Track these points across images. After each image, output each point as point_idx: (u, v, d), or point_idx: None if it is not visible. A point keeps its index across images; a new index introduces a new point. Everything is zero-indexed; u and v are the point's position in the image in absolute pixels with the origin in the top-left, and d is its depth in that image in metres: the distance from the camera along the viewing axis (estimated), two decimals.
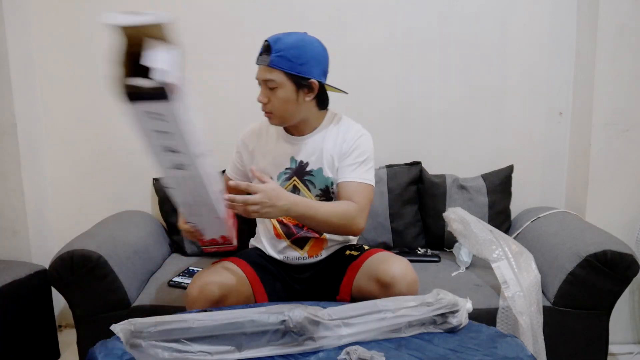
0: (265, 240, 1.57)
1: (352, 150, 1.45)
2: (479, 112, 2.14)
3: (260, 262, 1.53)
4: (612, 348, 1.91)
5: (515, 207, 2.10)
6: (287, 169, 1.49)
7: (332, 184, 1.48)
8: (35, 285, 1.83)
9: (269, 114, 1.43)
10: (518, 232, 1.96)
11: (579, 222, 1.84)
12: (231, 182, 1.29)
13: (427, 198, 2.04)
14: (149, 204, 2.19)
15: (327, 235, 1.53)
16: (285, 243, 1.52)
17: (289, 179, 1.49)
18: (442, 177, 2.05)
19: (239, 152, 1.59)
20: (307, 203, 1.36)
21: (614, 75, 1.90)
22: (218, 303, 1.33)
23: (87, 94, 2.13)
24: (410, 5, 2.08)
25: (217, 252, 1.45)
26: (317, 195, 1.49)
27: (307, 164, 1.48)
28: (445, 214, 1.90)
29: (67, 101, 2.14)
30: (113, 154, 2.17)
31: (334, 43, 2.12)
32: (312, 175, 1.48)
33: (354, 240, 1.65)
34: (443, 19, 2.08)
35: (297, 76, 1.38)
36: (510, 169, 2.07)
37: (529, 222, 1.94)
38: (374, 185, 1.47)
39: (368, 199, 1.44)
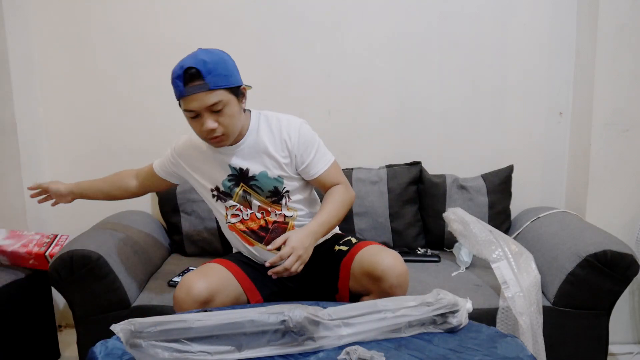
0: (242, 248, 1.58)
1: (304, 147, 1.45)
2: (479, 112, 2.15)
3: (248, 262, 1.54)
4: (612, 348, 1.91)
5: (515, 207, 2.10)
6: (229, 176, 1.48)
7: (281, 182, 1.47)
8: (35, 285, 1.83)
9: (221, 136, 1.38)
10: (518, 232, 1.96)
11: (579, 222, 1.84)
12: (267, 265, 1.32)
13: (427, 198, 2.04)
14: (149, 204, 2.19)
15: (297, 227, 1.51)
16: (258, 247, 1.52)
17: (236, 185, 1.49)
18: (442, 177, 2.05)
19: (175, 162, 1.58)
20: (320, 222, 1.40)
21: (614, 75, 1.90)
22: (205, 304, 1.33)
23: (87, 93, 2.13)
24: (411, 5, 2.08)
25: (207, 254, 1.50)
26: (267, 197, 1.48)
27: (247, 170, 1.47)
28: (445, 215, 1.90)
29: (67, 101, 2.14)
30: (113, 154, 2.17)
31: (334, 43, 2.14)
32: (256, 180, 1.47)
33: (336, 229, 1.65)
34: (443, 19, 2.08)
35: (234, 88, 1.37)
36: (510, 169, 2.07)
37: (529, 222, 1.94)
38: (334, 157, 1.53)
39: (341, 172, 1.54)
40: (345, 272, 1.44)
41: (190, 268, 1.81)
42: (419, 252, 1.96)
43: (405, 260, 1.58)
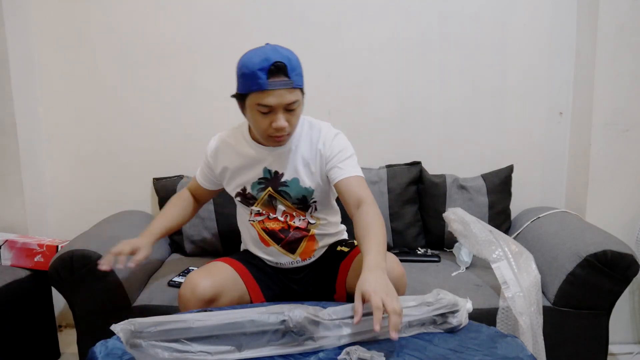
0: (254, 247, 1.57)
1: (335, 152, 1.42)
2: (479, 112, 2.15)
3: (253, 262, 1.53)
4: (612, 348, 1.91)
5: (515, 207, 2.10)
6: (260, 179, 1.46)
7: (310, 193, 1.45)
8: (35, 285, 1.83)
9: (286, 136, 1.35)
10: (518, 232, 1.96)
11: (579, 222, 1.84)
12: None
13: (427, 198, 2.04)
14: (149, 204, 2.19)
15: (316, 235, 1.51)
16: (274, 249, 1.51)
17: (263, 189, 1.46)
18: (442, 177, 2.05)
19: (210, 166, 1.54)
20: (377, 249, 1.19)
21: (614, 75, 1.90)
22: (210, 302, 1.33)
23: (87, 94, 2.13)
24: (411, 5, 2.08)
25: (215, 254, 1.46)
26: (294, 204, 1.47)
27: (282, 174, 1.45)
28: (445, 215, 1.90)
29: (67, 101, 2.14)
30: (113, 154, 2.17)
31: (334, 43, 2.13)
32: (287, 185, 1.45)
33: (344, 234, 1.65)
34: (443, 19, 2.08)
35: (303, 89, 1.35)
36: (510, 169, 2.07)
37: (529, 222, 1.94)
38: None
39: (367, 188, 1.43)
40: (343, 273, 1.44)
41: (190, 268, 1.81)
42: (419, 252, 1.96)
43: (405, 260, 1.58)
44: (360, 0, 2.08)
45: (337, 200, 1.60)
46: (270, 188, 1.46)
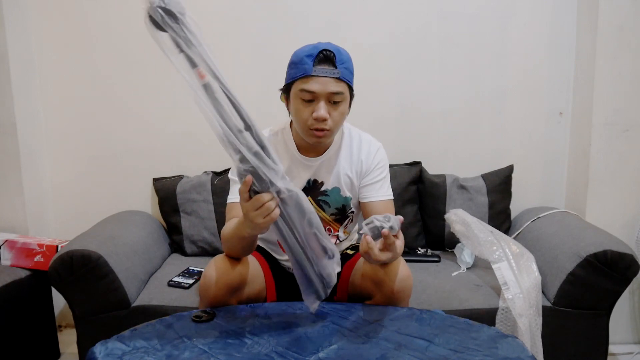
0: (267, 247, 1.55)
1: (373, 168, 1.41)
2: (479, 112, 2.15)
3: (271, 258, 1.52)
4: (612, 348, 1.91)
5: (515, 207, 2.10)
6: (303, 188, 1.42)
7: (349, 202, 1.44)
8: (35, 286, 1.83)
9: (325, 131, 1.28)
10: (518, 232, 1.96)
11: (579, 222, 1.84)
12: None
13: (427, 198, 2.04)
14: (149, 204, 2.19)
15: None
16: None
17: None
18: (442, 177, 2.05)
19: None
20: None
21: (614, 75, 1.90)
22: (235, 291, 1.28)
23: (87, 94, 2.13)
24: (411, 5, 2.08)
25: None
26: (332, 214, 1.44)
27: (322, 183, 1.42)
28: (446, 216, 1.90)
29: (67, 101, 2.14)
30: (113, 154, 2.17)
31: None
32: (326, 195, 1.42)
33: (354, 240, 1.65)
34: (443, 19, 2.08)
35: (352, 89, 1.31)
36: (510, 169, 2.07)
37: (529, 222, 1.95)
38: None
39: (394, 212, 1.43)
40: (346, 274, 1.43)
41: (190, 268, 1.81)
42: (419, 252, 1.97)
43: (405, 260, 1.57)
44: (360, 0, 2.08)
45: None
46: (309, 197, 1.42)
